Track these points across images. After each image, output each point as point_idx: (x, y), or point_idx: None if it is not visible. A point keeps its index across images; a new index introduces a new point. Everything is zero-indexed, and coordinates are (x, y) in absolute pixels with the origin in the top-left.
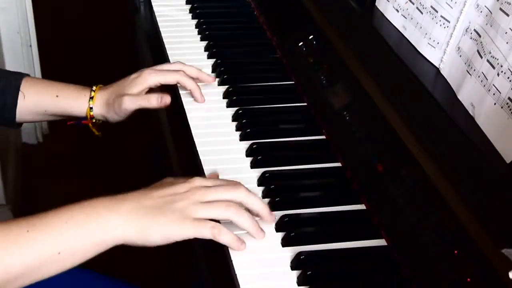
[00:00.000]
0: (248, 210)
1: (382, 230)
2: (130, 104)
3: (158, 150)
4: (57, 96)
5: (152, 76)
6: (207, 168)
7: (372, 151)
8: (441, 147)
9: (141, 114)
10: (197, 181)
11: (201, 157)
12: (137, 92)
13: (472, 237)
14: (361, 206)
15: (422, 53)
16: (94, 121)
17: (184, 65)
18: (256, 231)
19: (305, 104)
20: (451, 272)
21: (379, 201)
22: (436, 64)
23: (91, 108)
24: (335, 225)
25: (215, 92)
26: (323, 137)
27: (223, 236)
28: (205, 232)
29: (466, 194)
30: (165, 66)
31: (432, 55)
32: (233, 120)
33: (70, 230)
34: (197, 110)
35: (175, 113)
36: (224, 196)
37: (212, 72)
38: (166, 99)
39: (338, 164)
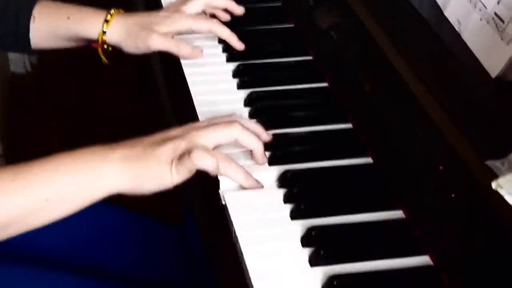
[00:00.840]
0: None
1: (369, 148)
2: (159, 43)
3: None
4: (68, 18)
5: (184, 20)
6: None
7: (360, 71)
8: (427, 64)
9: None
10: (191, 124)
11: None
12: (165, 32)
13: (457, 151)
14: (348, 125)
15: None
16: (105, 47)
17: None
18: (262, 155)
19: (292, 25)
20: (436, 188)
21: (366, 120)
22: None
23: (104, 32)
24: (322, 144)
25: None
26: (310, 57)
27: (202, 160)
28: (187, 164)
29: (451, 108)
30: (192, 8)
31: None
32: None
33: (60, 177)
34: None
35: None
36: (217, 137)
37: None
38: (198, 54)
39: (325, 84)
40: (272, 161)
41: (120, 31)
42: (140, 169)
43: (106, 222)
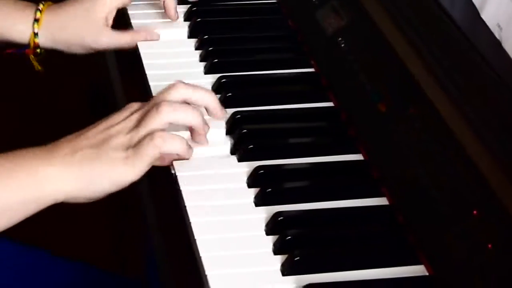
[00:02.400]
0: None
1: (384, 185)
2: (110, 42)
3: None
4: None
5: None
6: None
7: (374, 88)
8: (458, 80)
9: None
10: (135, 105)
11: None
12: (107, 13)
13: (496, 193)
14: (358, 156)
15: None
16: (38, 51)
17: None
18: (202, 124)
19: (291, 30)
20: (469, 237)
21: (380, 150)
22: None
23: (35, 33)
24: (325, 179)
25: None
26: (312, 70)
27: (168, 142)
28: (149, 152)
29: (490, 140)
30: None
31: None
32: (196, 48)
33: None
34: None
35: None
36: (162, 101)
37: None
38: (154, 36)
39: (331, 104)
40: (262, 201)
41: (55, 29)
42: (88, 168)
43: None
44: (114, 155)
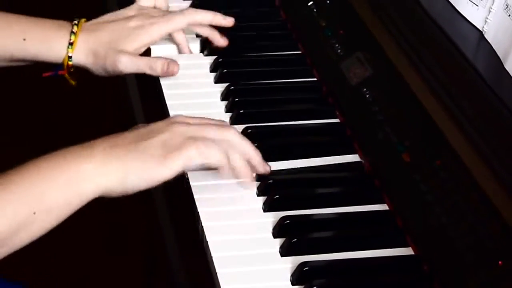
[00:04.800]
0: None
1: (408, 235)
2: (129, 66)
3: None
4: (24, 39)
5: (156, 28)
6: None
7: (398, 138)
8: (485, 132)
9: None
10: (179, 118)
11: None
12: (137, 48)
13: None
14: (383, 206)
15: (462, 12)
16: (72, 70)
17: (190, 9)
18: (247, 173)
19: (315, 79)
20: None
21: (404, 200)
22: (479, 26)
23: (69, 57)
24: (350, 229)
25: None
26: (337, 120)
27: (208, 150)
28: (189, 153)
29: None
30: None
31: (474, 15)
32: (222, 99)
33: (40, 186)
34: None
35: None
36: (210, 134)
37: (197, 36)
38: (174, 68)
39: (356, 156)
40: (288, 251)
41: (86, 52)
42: (126, 162)
43: None
44: (151, 151)
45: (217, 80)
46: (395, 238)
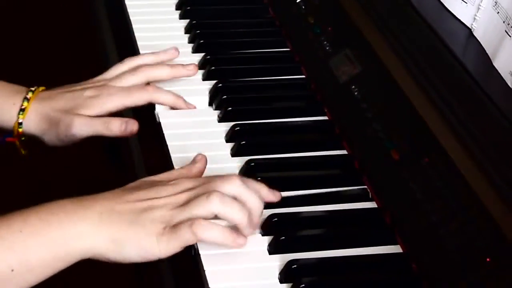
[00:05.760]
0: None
1: (397, 233)
2: (83, 128)
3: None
4: None
5: (114, 98)
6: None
7: (387, 135)
8: (473, 129)
9: None
10: (186, 182)
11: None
12: (90, 115)
13: (509, 239)
14: (372, 204)
15: (451, 10)
16: (23, 138)
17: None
18: (247, 226)
19: (304, 76)
20: (482, 285)
21: (393, 197)
22: (468, 24)
23: (19, 123)
24: (338, 227)
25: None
26: (326, 118)
27: (207, 232)
28: (186, 236)
29: (503, 189)
30: (126, 79)
31: (463, 12)
32: (210, 97)
33: (25, 241)
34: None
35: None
36: (214, 190)
37: (186, 33)
38: (133, 127)
39: (344, 152)
40: (275, 249)
41: (38, 120)
42: (122, 231)
43: None
44: (151, 227)
45: (205, 78)
46: (383, 236)
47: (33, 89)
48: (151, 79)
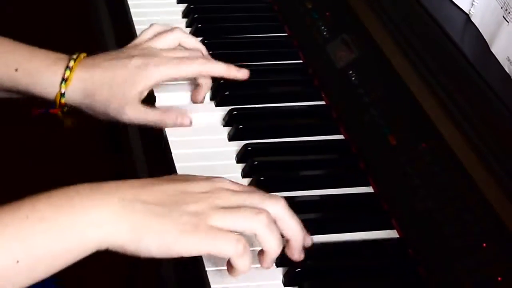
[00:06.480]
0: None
1: (393, 218)
2: (135, 118)
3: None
4: (16, 69)
5: (161, 70)
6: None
7: (384, 121)
8: (470, 115)
9: None
10: (223, 183)
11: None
12: (141, 91)
13: (506, 226)
14: (368, 189)
15: None
16: (65, 109)
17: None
18: (272, 259)
19: (301, 61)
20: (479, 270)
21: (389, 182)
22: (466, 9)
23: (62, 93)
24: (334, 212)
25: None
26: (323, 103)
27: (244, 258)
28: (227, 247)
29: (499, 174)
30: (175, 52)
31: None
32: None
33: (32, 228)
34: None
35: None
36: (257, 205)
37: (183, 17)
38: (186, 120)
39: (341, 137)
40: None
41: (83, 92)
42: (147, 221)
43: None
44: (181, 221)
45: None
46: (380, 221)
47: (74, 56)
48: (203, 71)
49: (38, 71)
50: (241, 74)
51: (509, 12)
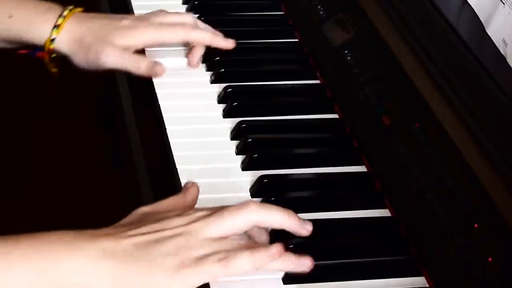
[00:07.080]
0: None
1: (386, 197)
2: (113, 60)
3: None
4: (10, 16)
5: (151, 33)
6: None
7: (379, 100)
8: (465, 96)
9: None
10: (196, 213)
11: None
12: (124, 45)
13: (497, 208)
14: (362, 168)
15: None
16: (53, 56)
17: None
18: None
19: (297, 40)
20: (470, 250)
21: (383, 162)
22: None
23: (52, 40)
24: (328, 190)
25: None
26: (318, 81)
27: (237, 263)
28: (216, 271)
29: (493, 155)
30: (165, 17)
31: None
32: (203, 60)
33: (9, 273)
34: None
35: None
36: (231, 223)
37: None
38: (159, 69)
39: (335, 116)
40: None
41: (70, 39)
42: (129, 268)
43: None
44: (163, 261)
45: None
46: (372, 200)
47: (70, 7)
48: (189, 37)
49: (31, 18)
50: (226, 43)
51: None
